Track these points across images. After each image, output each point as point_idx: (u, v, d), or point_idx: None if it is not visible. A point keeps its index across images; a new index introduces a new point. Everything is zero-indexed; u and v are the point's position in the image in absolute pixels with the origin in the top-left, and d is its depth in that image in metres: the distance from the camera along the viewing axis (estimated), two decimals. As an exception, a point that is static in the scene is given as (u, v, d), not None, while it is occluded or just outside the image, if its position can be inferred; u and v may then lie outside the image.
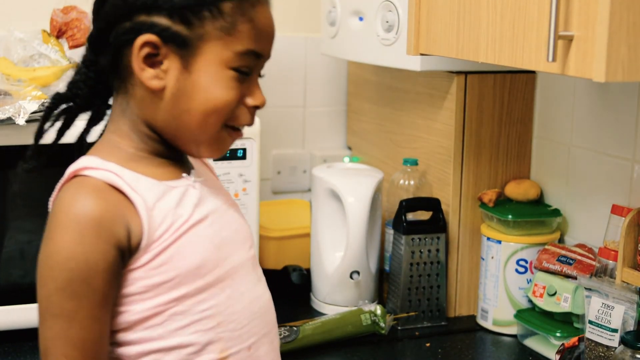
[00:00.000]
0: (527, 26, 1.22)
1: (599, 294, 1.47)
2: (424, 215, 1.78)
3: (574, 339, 1.51)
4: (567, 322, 1.59)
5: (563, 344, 1.52)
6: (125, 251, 1.00)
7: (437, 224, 1.76)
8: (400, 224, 1.74)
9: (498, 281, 1.71)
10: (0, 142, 1.52)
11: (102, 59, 1.07)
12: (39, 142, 1.13)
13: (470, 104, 1.74)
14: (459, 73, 1.72)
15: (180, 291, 1.03)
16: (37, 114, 1.52)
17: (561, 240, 1.74)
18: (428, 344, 1.67)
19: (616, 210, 1.51)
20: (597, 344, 1.45)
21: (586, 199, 1.68)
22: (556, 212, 1.72)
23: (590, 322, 1.46)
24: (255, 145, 1.70)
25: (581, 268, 1.57)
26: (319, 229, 1.82)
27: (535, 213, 1.72)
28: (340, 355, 1.63)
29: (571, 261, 1.59)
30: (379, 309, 1.70)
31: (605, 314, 1.44)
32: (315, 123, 2.23)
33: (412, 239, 1.74)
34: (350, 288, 1.79)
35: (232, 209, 1.15)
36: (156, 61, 1.02)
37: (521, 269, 1.70)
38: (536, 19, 1.19)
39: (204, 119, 1.03)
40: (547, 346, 1.61)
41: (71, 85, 1.13)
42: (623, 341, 1.38)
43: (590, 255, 1.59)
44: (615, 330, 1.43)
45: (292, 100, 2.20)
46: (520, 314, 1.67)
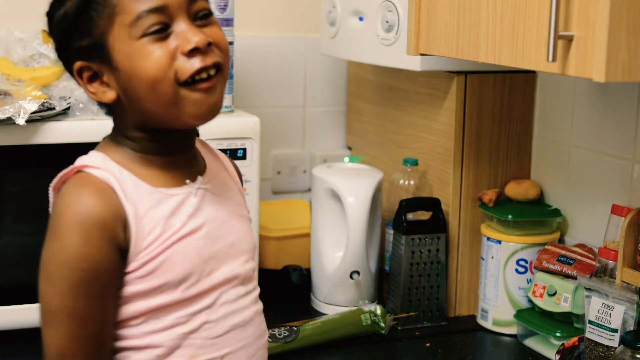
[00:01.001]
0: (527, 26, 1.22)
1: (599, 294, 1.47)
2: (424, 215, 1.78)
3: (574, 339, 1.51)
4: (567, 322, 1.59)
5: (563, 344, 1.52)
6: (123, 252, 1.02)
7: (437, 224, 1.75)
8: (400, 224, 1.74)
9: (498, 281, 1.71)
10: (0, 142, 1.52)
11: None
12: None
13: (470, 104, 1.74)
14: (459, 73, 1.72)
15: (159, 300, 1.04)
16: (37, 114, 1.52)
17: (561, 240, 1.74)
18: (428, 344, 1.67)
19: (616, 210, 1.51)
20: (597, 344, 1.45)
21: (586, 199, 1.68)
22: (556, 212, 1.72)
23: (590, 322, 1.46)
24: (255, 145, 1.70)
25: (581, 268, 1.57)
26: (319, 229, 1.82)
27: (535, 213, 1.72)
28: (340, 355, 1.63)
29: (571, 261, 1.59)
30: (379, 309, 1.70)
31: (605, 314, 1.44)
32: (315, 123, 2.23)
33: (412, 239, 1.74)
34: (350, 288, 1.79)
35: (234, 220, 1.13)
36: (101, 78, 1.05)
37: (521, 269, 1.70)
38: (536, 19, 1.19)
39: (153, 94, 1.02)
40: (547, 346, 1.61)
41: None
42: (623, 341, 1.38)
43: (590, 255, 1.59)
44: (615, 330, 1.43)
45: (292, 100, 2.20)
46: (520, 314, 1.67)
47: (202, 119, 1.05)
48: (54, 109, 1.56)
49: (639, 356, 1.35)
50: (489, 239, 1.72)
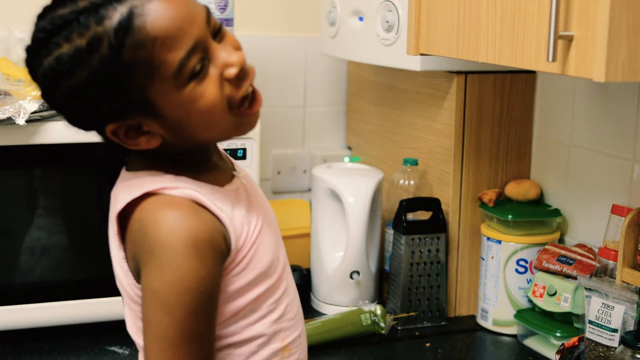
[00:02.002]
0: (527, 26, 1.22)
1: (599, 294, 1.47)
2: (424, 215, 1.78)
3: (574, 339, 1.51)
4: (567, 322, 1.59)
5: (563, 344, 1.52)
6: (226, 262, 1.03)
7: (437, 224, 1.75)
8: (400, 224, 1.74)
9: (498, 281, 1.71)
10: (0, 142, 1.52)
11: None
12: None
13: (470, 104, 1.74)
14: (459, 73, 1.72)
15: (255, 292, 1.05)
16: (37, 114, 1.52)
17: (561, 240, 1.74)
18: (428, 344, 1.67)
19: (616, 210, 1.51)
20: (597, 344, 1.45)
21: (586, 199, 1.68)
22: (556, 212, 1.72)
23: (590, 322, 1.46)
24: (255, 145, 1.70)
25: (581, 268, 1.57)
26: (319, 229, 1.82)
27: (535, 213, 1.72)
28: (340, 355, 1.63)
29: (571, 261, 1.59)
30: (379, 309, 1.70)
31: (605, 314, 1.44)
32: (315, 123, 2.23)
33: (412, 239, 1.74)
34: (350, 288, 1.79)
35: (268, 206, 1.16)
36: (139, 129, 1.00)
37: (521, 269, 1.70)
38: (536, 19, 1.19)
39: (211, 128, 1.00)
40: (547, 346, 1.61)
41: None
42: (623, 341, 1.38)
43: (590, 255, 1.59)
44: (615, 330, 1.43)
45: (292, 100, 2.20)
46: (520, 314, 1.67)
47: (248, 130, 1.05)
48: (54, 109, 1.56)
49: (639, 356, 1.35)
50: (489, 239, 1.72)
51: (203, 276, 0.96)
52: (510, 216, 1.68)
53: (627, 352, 1.36)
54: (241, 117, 1.02)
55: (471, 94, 1.73)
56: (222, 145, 1.15)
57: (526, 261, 1.69)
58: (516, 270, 1.70)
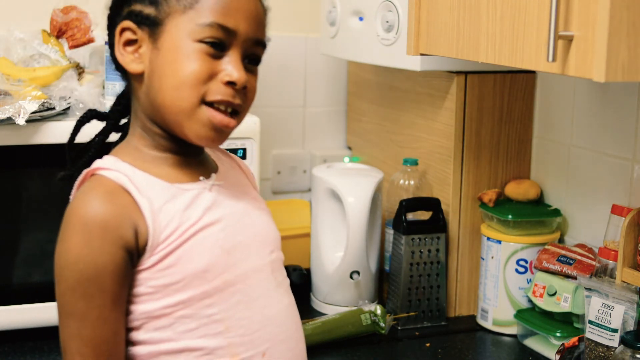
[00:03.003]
0: (527, 26, 1.22)
1: (599, 294, 1.47)
2: (424, 215, 1.78)
3: (574, 339, 1.51)
4: (567, 322, 1.59)
5: (563, 344, 1.52)
6: (134, 252, 1.02)
7: (437, 224, 1.76)
8: (400, 224, 1.74)
9: (498, 281, 1.71)
10: (0, 142, 1.52)
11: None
12: (72, 154, 1.15)
13: (470, 104, 1.74)
14: (459, 73, 1.72)
15: (186, 294, 1.04)
16: (37, 114, 1.52)
17: (561, 240, 1.74)
18: (428, 344, 1.67)
19: (616, 210, 1.51)
20: (597, 344, 1.45)
21: (586, 199, 1.68)
22: (556, 212, 1.72)
23: (590, 322, 1.46)
24: (255, 145, 1.70)
25: (581, 268, 1.57)
26: (319, 229, 1.82)
27: (535, 213, 1.72)
28: (340, 355, 1.63)
29: (571, 261, 1.59)
30: (379, 309, 1.70)
31: (605, 314, 1.44)
32: (315, 123, 2.23)
33: (412, 239, 1.74)
34: (350, 288, 1.79)
35: (255, 213, 1.14)
36: (137, 46, 1.06)
37: (521, 269, 1.70)
38: (536, 19, 1.19)
39: (174, 93, 1.03)
40: (547, 346, 1.61)
41: (112, 106, 1.18)
42: (623, 341, 1.38)
43: (590, 255, 1.59)
44: (615, 330, 1.43)
45: (292, 100, 2.20)
46: (520, 314, 1.67)
47: (202, 140, 1.06)
48: (54, 109, 1.56)
49: (639, 356, 1.35)
50: (489, 239, 1.72)
51: (84, 254, 0.99)
52: (510, 216, 1.68)
53: (627, 352, 1.36)
54: (203, 112, 1.04)
55: (471, 94, 1.73)
56: (222, 146, 1.15)
57: (526, 261, 1.69)
58: (516, 270, 1.70)
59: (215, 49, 1.03)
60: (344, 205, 1.75)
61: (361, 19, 1.86)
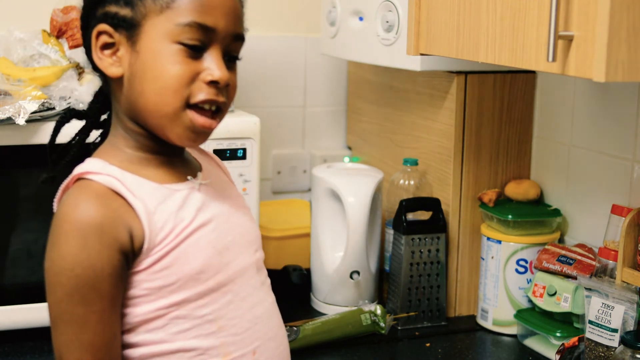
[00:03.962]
0: (527, 26, 1.22)
1: (599, 294, 1.47)
2: (424, 215, 1.78)
3: (574, 339, 1.51)
4: (567, 322, 1.59)
5: (563, 344, 1.52)
6: (129, 254, 1.01)
7: (437, 224, 1.76)
8: (400, 224, 1.74)
9: (498, 281, 1.71)
10: (0, 142, 1.52)
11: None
12: (54, 155, 1.14)
13: (470, 104, 1.74)
14: (459, 73, 1.72)
15: (181, 295, 1.03)
16: (37, 114, 1.52)
17: (561, 240, 1.74)
18: (428, 344, 1.67)
19: (616, 210, 1.51)
20: (597, 344, 1.45)
21: (586, 199, 1.68)
22: (556, 212, 1.72)
23: (590, 322, 1.46)
24: (255, 145, 1.70)
25: (581, 268, 1.57)
26: (319, 229, 1.82)
27: (535, 213, 1.72)
28: (340, 355, 1.63)
29: (571, 261, 1.59)
30: (379, 309, 1.70)
31: (605, 314, 1.44)
32: (315, 123, 2.23)
33: (412, 239, 1.74)
34: (350, 288, 1.79)
35: (239, 212, 1.14)
36: (115, 50, 1.04)
37: (521, 269, 1.70)
38: (536, 19, 1.19)
39: (157, 98, 1.02)
40: (547, 346, 1.61)
41: (90, 103, 1.16)
42: (623, 341, 1.38)
43: (590, 255, 1.59)
44: (615, 330, 1.43)
45: (292, 100, 2.20)
46: (520, 314, 1.67)
47: (184, 141, 1.06)
48: (54, 109, 1.56)
49: (639, 356, 1.35)
50: (489, 239, 1.72)
51: (81, 259, 0.97)
52: (510, 216, 1.68)
53: (627, 352, 1.36)
54: (186, 115, 1.03)
55: (471, 94, 1.73)
56: (222, 146, 1.15)
57: (526, 261, 1.69)
58: (516, 270, 1.70)
59: (193, 50, 1.02)
60: (344, 205, 1.75)
61: (361, 19, 1.86)
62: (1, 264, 1.57)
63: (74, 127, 1.16)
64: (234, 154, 1.68)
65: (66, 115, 1.15)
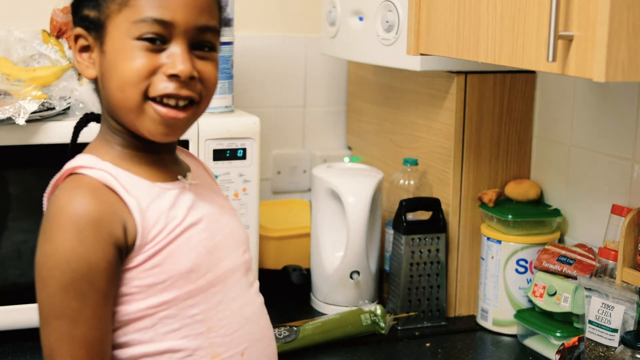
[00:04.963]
0: (527, 26, 1.22)
1: (599, 294, 1.47)
2: (424, 215, 1.78)
3: (574, 339, 1.51)
4: (567, 322, 1.59)
5: (563, 344, 1.52)
6: (123, 249, 1.01)
7: (437, 224, 1.76)
8: (400, 224, 1.74)
9: (498, 281, 1.71)
10: (0, 142, 1.52)
11: None
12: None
13: (470, 104, 1.74)
14: (459, 73, 1.72)
15: (171, 294, 1.03)
16: (37, 114, 1.52)
17: (561, 240, 1.74)
18: (428, 344, 1.67)
19: (616, 210, 1.51)
20: (597, 344, 1.45)
21: (586, 199, 1.68)
22: (556, 212, 1.72)
23: (590, 322, 1.46)
24: (255, 145, 1.70)
25: (581, 268, 1.57)
26: (319, 229, 1.82)
27: (535, 213, 1.72)
28: (340, 355, 1.63)
29: (571, 261, 1.59)
30: (379, 309, 1.70)
31: (605, 314, 1.44)
32: (315, 123, 2.23)
33: (412, 239, 1.74)
34: (350, 288, 1.79)
35: (227, 213, 1.15)
36: (91, 52, 1.07)
37: (521, 269, 1.70)
38: (536, 19, 1.19)
39: (120, 94, 1.03)
40: (547, 346, 1.61)
41: None
42: (623, 341, 1.38)
43: (590, 255, 1.59)
44: (615, 330, 1.43)
45: (292, 100, 2.20)
46: (520, 314, 1.67)
47: (156, 136, 1.05)
48: (54, 109, 1.56)
49: (639, 356, 1.35)
50: (489, 239, 1.72)
51: (78, 254, 0.97)
52: (510, 216, 1.68)
53: (627, 352, 1.36)
54: (148, 108, 1.03)
55: (471, 94, 1.73)
56: (222, 146, 1.15)
57: (526, 261, 1.69)
58: (516, 270, 1.70)
59: (154, 44, 1.02)
60: (344, 205, 1.75)
61: (361, 19, 1.86)
62: (2, 264, 1.57)
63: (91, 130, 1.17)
64: (234, 154, 1.68)
65: (84, 119, 1.17)
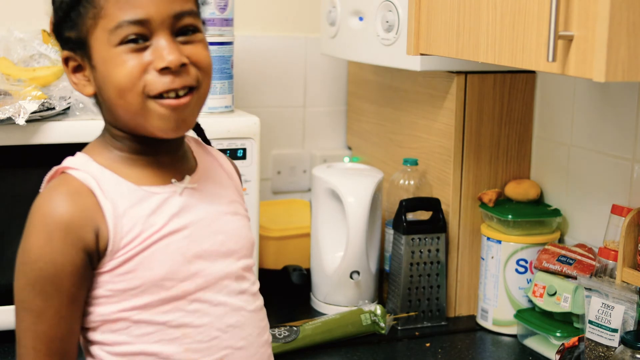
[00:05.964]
0: (527, 26, 1.22)
1: (599, 294, 1.47)
2: (424, 215, 1.78)
3: (574, 339, 1.51)
4: (567, 322, 1.59)
5: (563, 344, 1.52)
6: (94, 254, 1.02)
7: (437, 224, 1.75)
8: (400, 224, 1.74)
9: (498, 281, 1.71)
10: (0, 142, 1.52)
11: None
12: None
13: (470, 104, 1.74)
14: (459, 73, 1.72)
15: (143, 300, 1.04)
16: (37, 114, 1.52)
17: (561, 240, 1.74)
18: (428, 344, 1.67)
19: (616, 210, 1.51)
20: (597, 344, 1.45)
21: (586, 199, 1.68)
22: (556, 212, 1.72)
23: (590, 322, 1.46)
24: (255, 145, 1.70)
25: (581, 268, 1.57)
26: (319, 229, 1.82)
27: (535, 213, 1.72)
28: (340, 355, 1.63)
29: (571, 261, 1.59)
30: (379, 309, 1.70)
31: (605, 314, 1.44)
32: (315, 123, 2.23)
33: (412, 239, 1.74)
34: (350, 288, 1.79)
35: (227, 217, 1.12)
36: (83, 71, 1.07)
37: (521, 269, 1.70)
38: (536, 19, 1.19)
39: (121, 101, 1.03)
40: (547, 346, 1.61)
41: None
42: (623, 341, 1.38)
43: (590, 255, 1.59)
44: (615, 330, 1.43)
45: (292, 100, 2.20)
46: (520, 314, 1.67)
47: (168, 132, 1.05)
48: (54, 109, 1.56)
49: (639, 356, 1.35)
50: (489, 239, 1.72)
51: (45, 253, 1.01)
52: (510, 216, 1.68)
53: (627, 352, 1.36)
54: (152, 105, 1.02)
55: (471, 94, 1.73)
56: (222, 146, 1.15)
57: (526, 261, 1.69)
58: (516, 270, 1.70)
59: (137, 43, 1.01)
60: (344, 205, 1.75)
61: (361, 19, 1.86)
62: (2, 264, 1.56)
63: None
64: (234, 154, 1.68)
65: None
